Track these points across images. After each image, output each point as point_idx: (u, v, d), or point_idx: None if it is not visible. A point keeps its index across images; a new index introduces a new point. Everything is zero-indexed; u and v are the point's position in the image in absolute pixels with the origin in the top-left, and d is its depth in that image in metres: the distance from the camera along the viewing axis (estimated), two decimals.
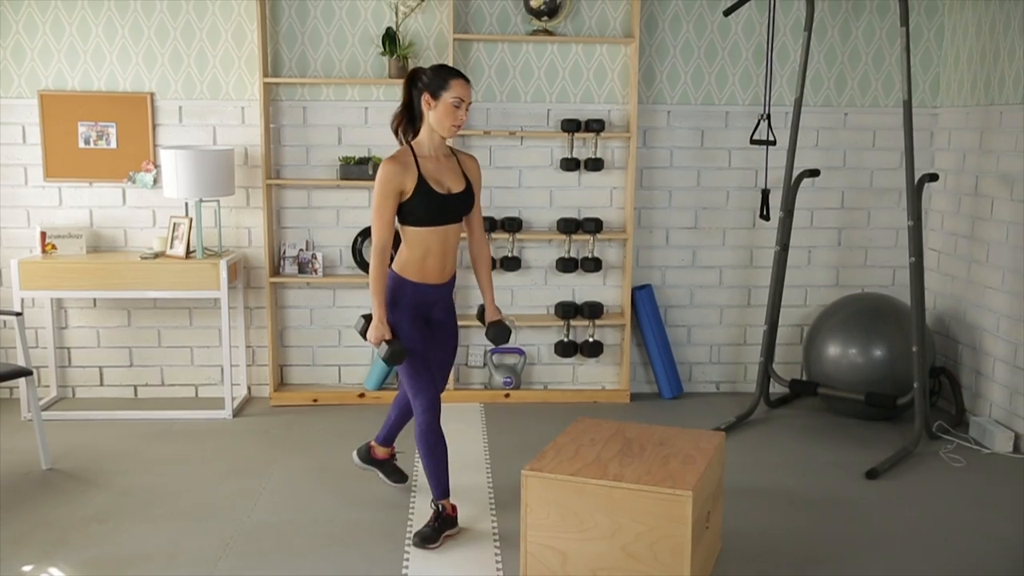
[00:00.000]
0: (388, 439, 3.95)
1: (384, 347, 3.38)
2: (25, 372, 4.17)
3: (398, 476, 3.98)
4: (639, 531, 2.94)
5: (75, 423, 4.91)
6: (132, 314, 5.29)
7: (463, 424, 4.88)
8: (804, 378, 5.37)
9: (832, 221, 5.47)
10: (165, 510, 3.82)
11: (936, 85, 5.37)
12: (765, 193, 4.91)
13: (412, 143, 3.39)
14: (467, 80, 3.32)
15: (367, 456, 3.99)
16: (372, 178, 5.10)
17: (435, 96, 3.28)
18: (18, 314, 4.38)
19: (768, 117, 4.89)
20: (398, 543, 3.52)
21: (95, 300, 5.25)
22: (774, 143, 4.89)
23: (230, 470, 4.27)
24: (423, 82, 3.30)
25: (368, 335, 3.41)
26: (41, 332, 5.26)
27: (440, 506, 3.53)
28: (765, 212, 4.93)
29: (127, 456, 4.44)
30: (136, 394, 5.36)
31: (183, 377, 5.37)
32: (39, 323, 5.24)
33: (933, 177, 4.65)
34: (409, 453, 4.36)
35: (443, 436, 3.50)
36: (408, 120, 3.40)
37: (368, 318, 3.49)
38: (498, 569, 3.32)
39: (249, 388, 5.40)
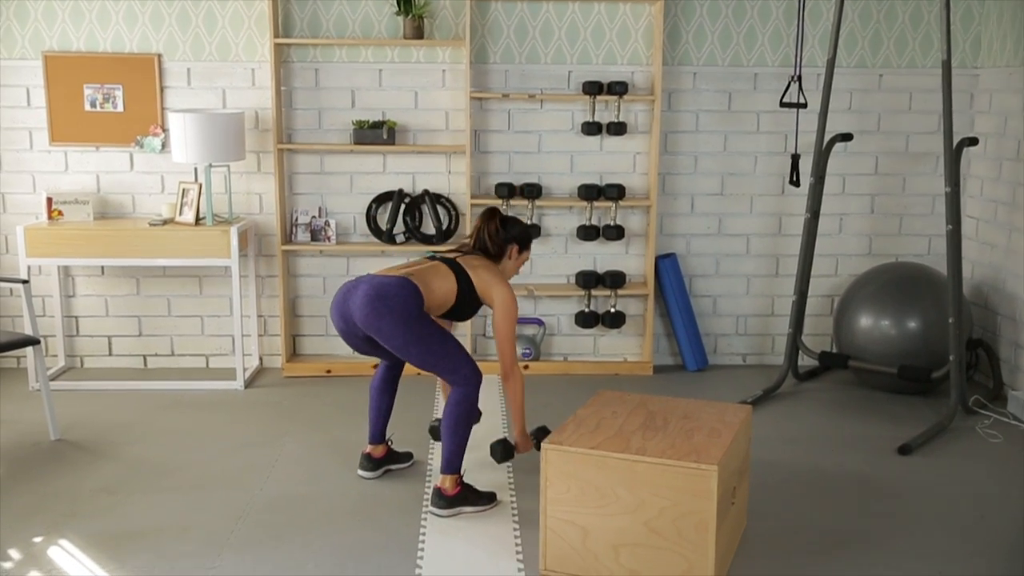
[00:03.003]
0: (380, 431, 3.93)
1: (499, 447, 3.82)
2: (32, 341, 4.19)
3: (406, 456, 4.02)
4: (662, 506, 2.94)
5: (83, 393, 4.94)
6: (141, 282, 5.31)
7: (480, 396, 4.88)
8: (834, 350, 5.34)
9: (865, 187, 5.41)
10: (175, 482, 3.84)
11: (977, 44, 5.28)
12: (795, 158, 4.87)
13: (498, 267, 3.82)
14: None
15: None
16: (387, 142, 5.08)
17: (521, 251, 3.86)
18: (24, 282, 4.40)
19: (799, 79, 4.83)
20: (414, 517, 3.53)
21: (103, 268, 5.27)
22: (805, 106, 4.84)
23: (242, 442, 4.30)
24: (514, 233, 3.82)
25: (518, 452, 3.83)
26: (48, 300, 5.29)
27: (462, 480, 3.57)
28: (795, 178, 4.89)
29: (136, 427, 4.47)
30: (145, 364, 5.40)
31: (193, 347, 5.39)
32: (46, 291, 5.27)
33: (972, 141, 4.58)
34: (415, 442, 4.37)
35: (478, 408, 3.62)
36: (484, 244, 3.81)
37: (503, 443, 3.82)
38: (517, 545, 3.33)
39: (261, 359, 5.43)
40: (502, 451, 3.80)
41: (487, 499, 3.60)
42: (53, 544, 3.31)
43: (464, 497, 3.55)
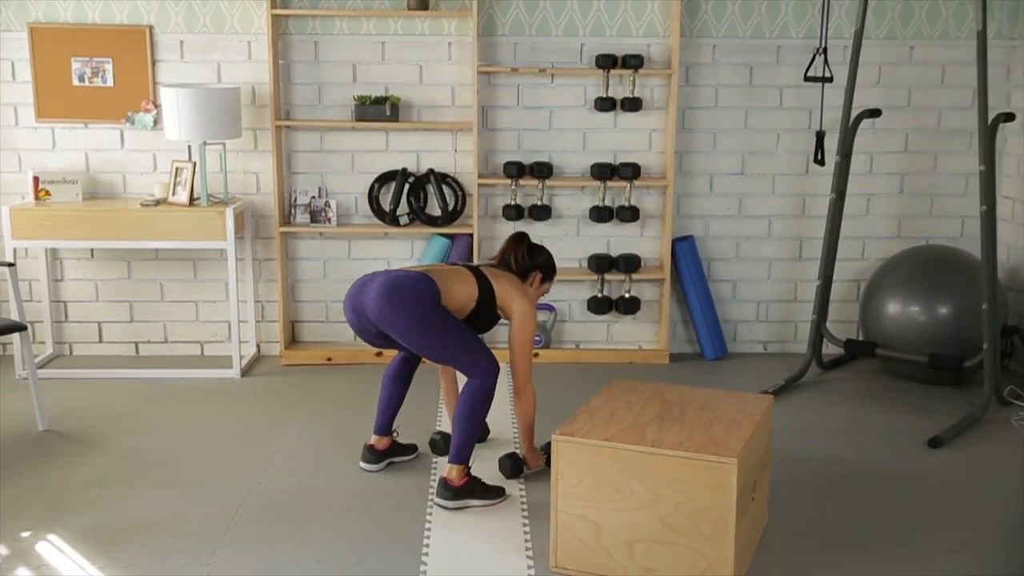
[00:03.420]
0: (387, 424, 3.94)
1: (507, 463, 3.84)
2: (19, 327, 4.20)
3: (410, 449, 4.03)
4: (679, 501, 2.94)
5: (73, 382, 4.96)
6: (132, 266, 5.31)
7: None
8: (861, 338, 5.32)
9: (894, 166, 5.38)
10: (169, 475, 3.86)
11: (1015, 14, 5.24)
12: (820, 135, 4.85)
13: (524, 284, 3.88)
14: None
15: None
16: (389, 119, 5.07)
17: (544, 280, 3.93)
18: (10, 265, 4.41)
19: (824, 51, 4.80)
20: (418, 512, 3.54)
21: (92, 251, 5.27)
22: (831, 80, 4.82)
23: (238, 433, 4.31)
24: (539, 260, 3.91)
25: (527, 468, 3.84)
26: (35, 284, 5.30)
27: (469, 472, 3.59)
28: (820, 156, 4.87)
29: (128, 417, 4.48)
30: (137, 351, 5.41)
31: (188, 334, 5.40)
32: (33, 275, 5.28)
33: (1009, 117, 4.55)
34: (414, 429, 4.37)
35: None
36: (509, 265, 3.89)
37: (512, 457, 3.83)
38: (526, 541, 3.33)
39: (258, 346, 5.43)
40: (511, 466, 3.82)
41: (495, 493, 3.61)
42: (41, 539, 3.32)
43: (471, 489, 3.56)
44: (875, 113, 4.94)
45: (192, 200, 4.98)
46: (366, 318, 3.58)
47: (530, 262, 3.89)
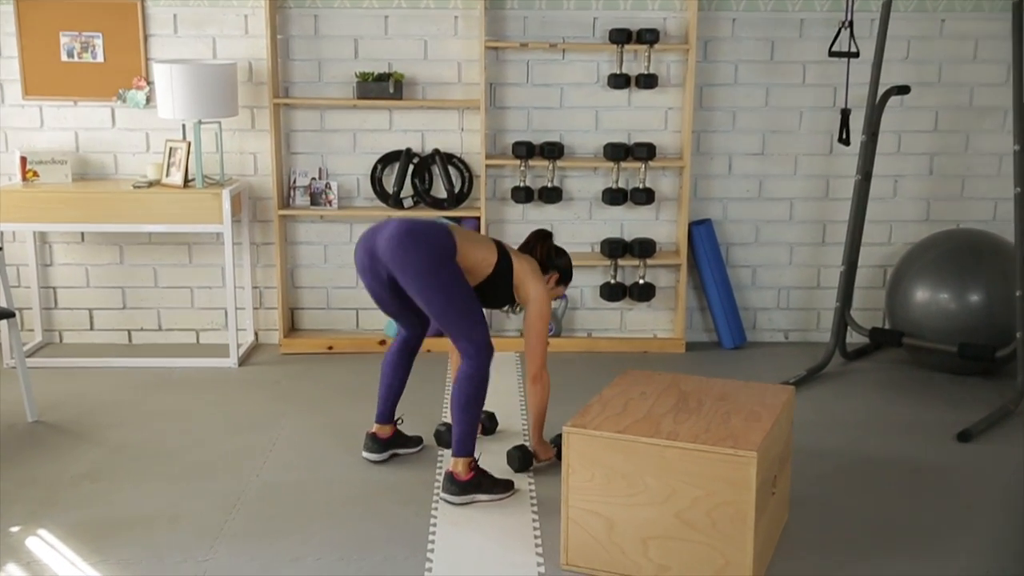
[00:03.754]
0: (389, 411, 3.96)
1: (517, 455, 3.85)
2: (7, 314, 4.22)
3: (415, 441, 4.05)
4: (696, 496, 2.94)
5: (63, 371, 4.98)
6: (124, 250, 5.33)
7: (496, 376, 4.87)
8: (887, 326, 5.32)
9: (923, 146, 5.37)
10: (164, 468, 3.88)
11: None
12: (845, 114, 4.83)
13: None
14: None
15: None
16: (393, 97, 5.07)
17: (559, 282, 3.97)
18: None
19: (850, 25, 4.79)
20: (424, 507, 3.55)
21: (83, 234, 5.29)
22: (857, 55, 4.80)
23: (236, 424, 4.32)
24: (560, 263, 3.96)
25: (537, 460, 3.87)
26: (23, 270, 5.32)
27: (476, 465, 3.60)
28: (845, 136, 4.86)
29: (121, 408, 4.50)
30: (130, 339, 5.43)
31: (182, 321, 5.42)
32: (21, 260, 5.30)
33: None
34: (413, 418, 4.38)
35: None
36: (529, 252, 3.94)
37: (521, 449, 3.85)
38: (536, 537, 3.34)
39: (256, 334, 5.45)
40: (520, 459, 3.83)
41: (503, 487, 3.62)
42: (31, 535, 3.35)
43: (478, 483, 3.57)
44: (903, 90, 4.92)
45: (187, 182, 4.99)
46: (378, 259, 3.61)
47: (551, 262, 3.94)
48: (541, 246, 3.93)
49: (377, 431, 3.93)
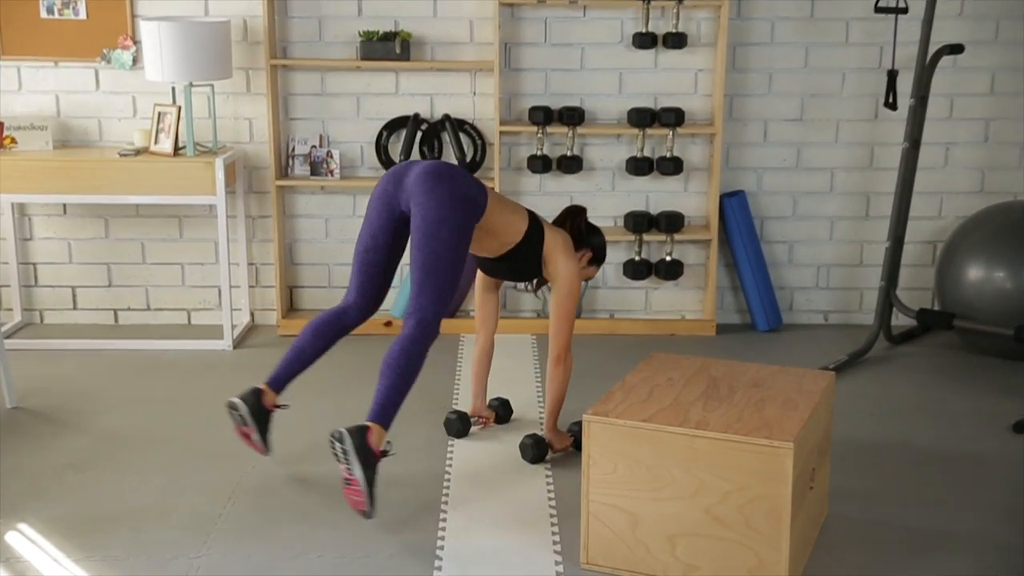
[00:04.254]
0: (286, 380, 3.82)
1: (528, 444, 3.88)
2: None
3: (267, 435, 3.80)
4: (727, 490, 2.94)
5: (45, 353, 5.01)
6: (110, 223, 5.35)
7: (511, 360, 4.90)
8: (936, 307, 5.30)
9: (978, 110, 5.34)
10: (153, 458, 3.89)
11: None
12: (892, 75, 4.81)
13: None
14: None
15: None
16: (400, 58, 5.06)
17: (591, 263, 4.04)
18: None
19: None
20: (432, 501, 3.56)
21: (65, 206, 5.31)
22: (905, 11, 4.78)
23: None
24: (595, 242, 4.02)
25: (552, 451, 3.88)
26: (1, 244, 5.34)
27: (384, 453, 3.38)
28: (891, 100, 4.83)
29: (107, 393, 4.53)
30: (116, 320, 5.46)
31: (173, 300, 5.44)
32: None
33: None
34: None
35: None
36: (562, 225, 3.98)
37: (534, 438, 3.86)
38: (554, 533, 3.35)
39: (252, 314, 5.47)
40: (534, 449, 3.84)
41: (371, 493, 3.34)
42: (11, 529, 3.37)
43: (375, 468, 3.32)
44: (956, 49, 4.88)
45: (177, 149, 4.99)
46: (403, 188, 3.62)
47: (585, 240, 3.98)
48: (572, 221, 3.96)
49: (265, 394, 3.75)
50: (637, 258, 5.32)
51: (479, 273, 4.07)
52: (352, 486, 3.29)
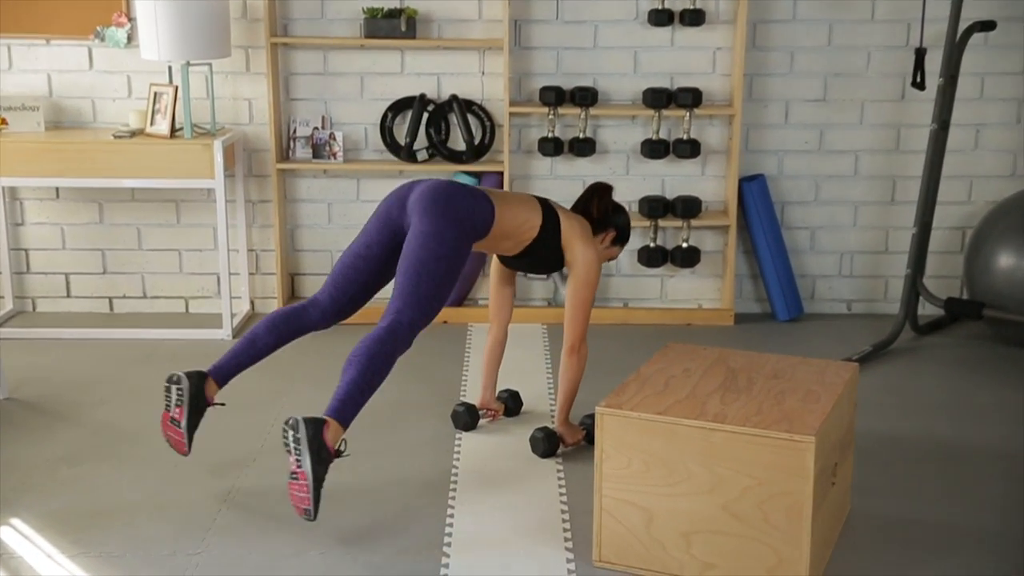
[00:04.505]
0: (230, 372, 3.75)
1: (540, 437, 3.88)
2: None
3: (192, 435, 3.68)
4: (745, 486, 2.94)
5: (37, 343, 5.02)
6: (104, 208, 5.36)
7: (522, 350, 4.90)
8: (965, 296, 5.29)
9: (1010, 90, 5.33)
10: (150, 452, 3.90)
11: None
12: (920, 54, 4.80)
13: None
14: None
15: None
16: (405, 36, 5.05)
17: (615, 242, 4.04)
18: None
19: None
20: (439, 496, 3.56)
21: (57, 190, 5.32)
22: None
23: (230, 403, 4.31)
24: (618, 221, 4.02)
25: (564, 445, 3.88)
26: None
27: (329, 430, 3.27)
28: (919, 79, 4.82)
29: (102, 384, 4.54)
30: (112, 308, 5.47)
31: (170, 288, 5.45)
32: None
33: None
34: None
35: None
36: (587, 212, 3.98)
37: (545, 431, 3.86)
38: (565, 530, 3.35)
39: (252, 302, 5.48)
40: (545, 442, 3.84)
41: (317, 493, 3.24)
42: (3, 524, 3.38)
43: (327, 467, 3.24)
44: (988, 26, 4.86)
45: (174, 131, 5.00)
46: (405, 208, 3.65)
47: (609, 219, 3.99)
48: (599, 200, 3.98)
49: (208, 383, 3.69)
50: (652, 244, 5.31)
51: (496, 265, 4.09)
52: (298, 480, 3.17)
